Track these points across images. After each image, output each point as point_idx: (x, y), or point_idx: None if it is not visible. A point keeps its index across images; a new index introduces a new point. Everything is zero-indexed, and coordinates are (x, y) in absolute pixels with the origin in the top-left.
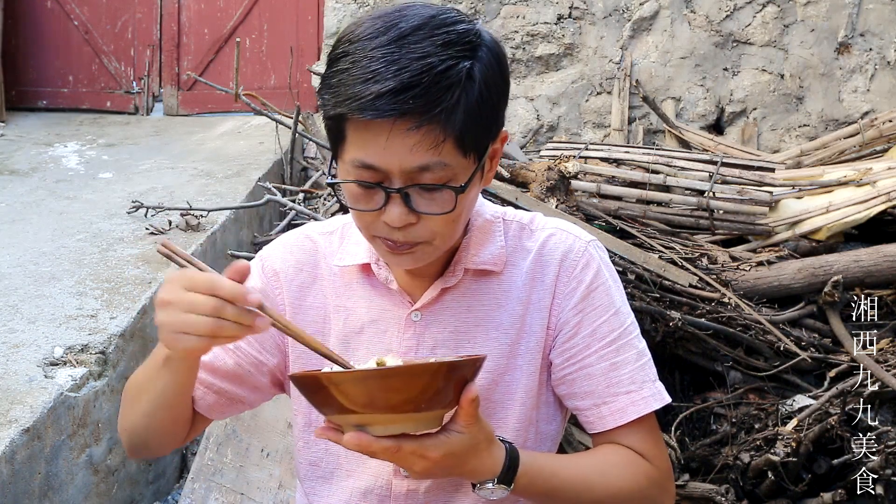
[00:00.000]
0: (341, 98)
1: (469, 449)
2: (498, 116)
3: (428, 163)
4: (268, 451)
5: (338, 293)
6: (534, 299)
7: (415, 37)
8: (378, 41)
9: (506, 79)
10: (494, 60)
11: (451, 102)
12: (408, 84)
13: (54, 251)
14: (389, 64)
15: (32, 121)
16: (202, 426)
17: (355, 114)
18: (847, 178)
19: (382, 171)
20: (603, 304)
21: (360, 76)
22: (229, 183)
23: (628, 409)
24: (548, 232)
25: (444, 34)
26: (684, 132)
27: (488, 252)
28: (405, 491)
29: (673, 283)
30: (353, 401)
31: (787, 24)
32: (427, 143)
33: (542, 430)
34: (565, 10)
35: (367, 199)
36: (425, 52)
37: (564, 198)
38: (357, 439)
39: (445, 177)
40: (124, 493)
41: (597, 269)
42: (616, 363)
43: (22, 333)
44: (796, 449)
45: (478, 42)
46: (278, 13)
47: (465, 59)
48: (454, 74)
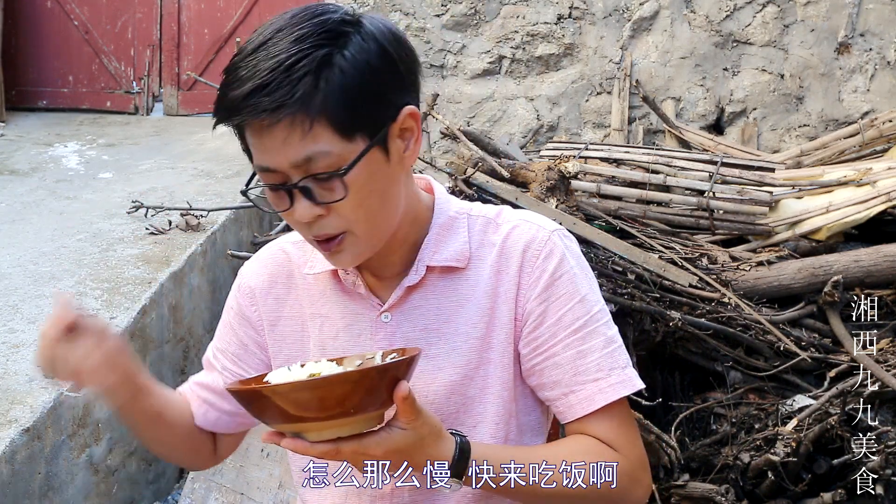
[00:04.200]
0: (224, 107)
1: (413, 444)
2: (383, 94)
3: (307, 153)
4: (268, 451)
5: (312, 301)
6: (500, 291)
7: (274, 39)
8: (245, 51)
9: (389, 58)
10: (369, 41)
11: (305, 90)
12: (260, 84)
13: (54, 251)
14: (248, 70)
15: (32, 121)
16: (231, 440)
17: (225, 122)
18: (847, 178)
19: (278, 171)
20: (567, 292)
21: (228, 85)
22: (229, 183)
23: (596, 396)
24: (512, 224)
25: (299, 30)
26: (684, 132)
27: (451, 248)
28: (389, 491)
29: (673, 283)
30: (284, 413)
31: (787, 24)
32: (295, 134)
33: (522, 422)
34: (565, 10)
35: (277, 202)
36: (278, 50)
37: (564, 198)
38: (293, 445)
39: (335, 164)
40: (124, 493)
41: (560, 257)
42: (582, 351)
43: (22, 333)
44: (796, 449)
45: (343, 30)
46: (278, 13)
47: (320, 48)
48: (306, 64)
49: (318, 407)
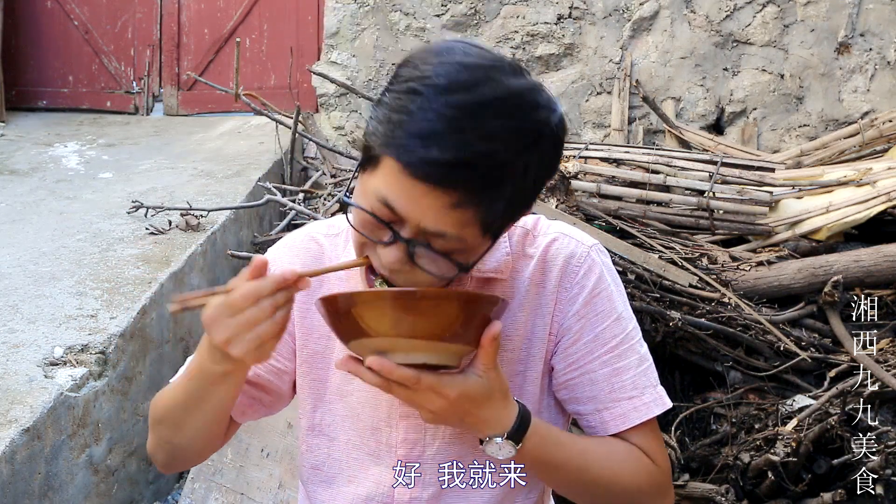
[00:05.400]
0: (394, 141)
1: (484, 395)
2: (532, 204)
3: (447, 233)
4: (268, 451)
5: None
6: (536, 305)
7: (492, 110)
8: (455, 98)
9: (556, 167)
10: (553, 151)
11: (497, 194)
12: (464, 161)
13: (54, 251)
14: (455, 132)
15: (32, 121)
16: (235, 427)
17: (402, 164)
18: (847, 178)
19: (401, 216)
20: (605, 309)
21: (422, 129)
22: (229, 183)
23: (630, 414)
24: (550, 237)
25: (520, 119)
26: (684, 132)
27: (494, 259)
28: (407, 499)
29: (673, 283)
30: (378, 323)
31: (787, 24)
32: (458, 219)
33: None
34: (565, 10)
35: (372, 230)
36: (495, 132)
37: (564, 198)
38: (379, 363)
39: (456, 248)
40: (124, 493)
41: (599, 274)
42: (618, 368)
43: (22, 333)
44: (796, 449)
45: (547, 132)
46: (278, 13)
47: (527, 153)
48: (512, 168)
49: (419, 323)
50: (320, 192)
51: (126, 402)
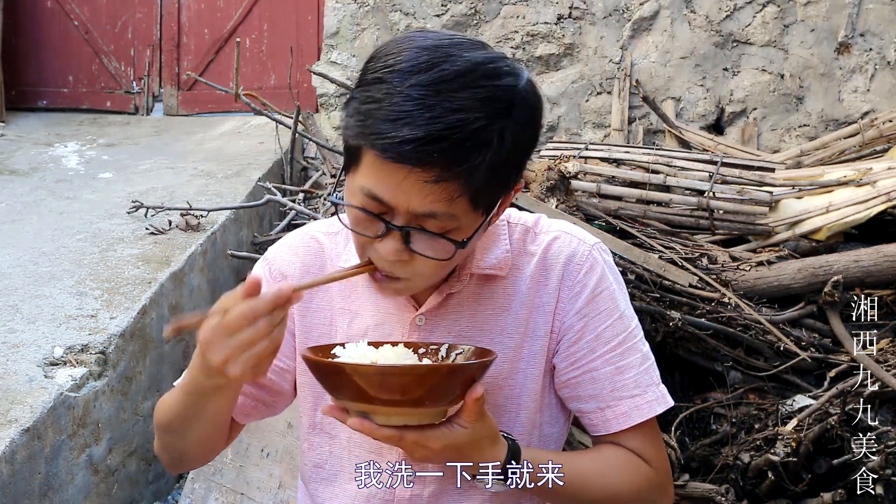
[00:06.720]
0: (366, 131)
1: (471, 443)
2: (520, 173)
3: (437, 212)
4: (268, 451)
5: (343, 295)
6: (537, 303)
7: (456, 83)
8: (417, 79)
9: (536, 136)
10: (529, 118)
11: (475, 162)
12: (437, 136)
13: (54, 251)
14: (423, 109)
15: (32, 121)
16: (239, 428)
17: (377, 150)
18: (847, 178)
19: (389, 205)
20: (607, 308)
21: (391, 113)
22: (229, 183)
23: (632, 413)
24: (552, 235)
25: (487, 88)
26: (684, 132)
27: (493, 256)
28: (408, 496)
29: (673, 283)
30: (359, 392)
31: (787, 24)
32: (442, 195)
33: (545, 433)
34: (565, 10)
35: (366, 226)
36: (462, 104)
37: (564, 198)
38: (360, 425)
39: (450, 227)
40: (124, 493)
41: (601, 272)
42: (621, 367)
43: (22, 333)
44: (796, 449)
45: (518, 99)
46: (278, 13)
47: (499, 118)
48: (485, 135)
49: (399, 392)
50: (320, 192)
51: (126, 402)
